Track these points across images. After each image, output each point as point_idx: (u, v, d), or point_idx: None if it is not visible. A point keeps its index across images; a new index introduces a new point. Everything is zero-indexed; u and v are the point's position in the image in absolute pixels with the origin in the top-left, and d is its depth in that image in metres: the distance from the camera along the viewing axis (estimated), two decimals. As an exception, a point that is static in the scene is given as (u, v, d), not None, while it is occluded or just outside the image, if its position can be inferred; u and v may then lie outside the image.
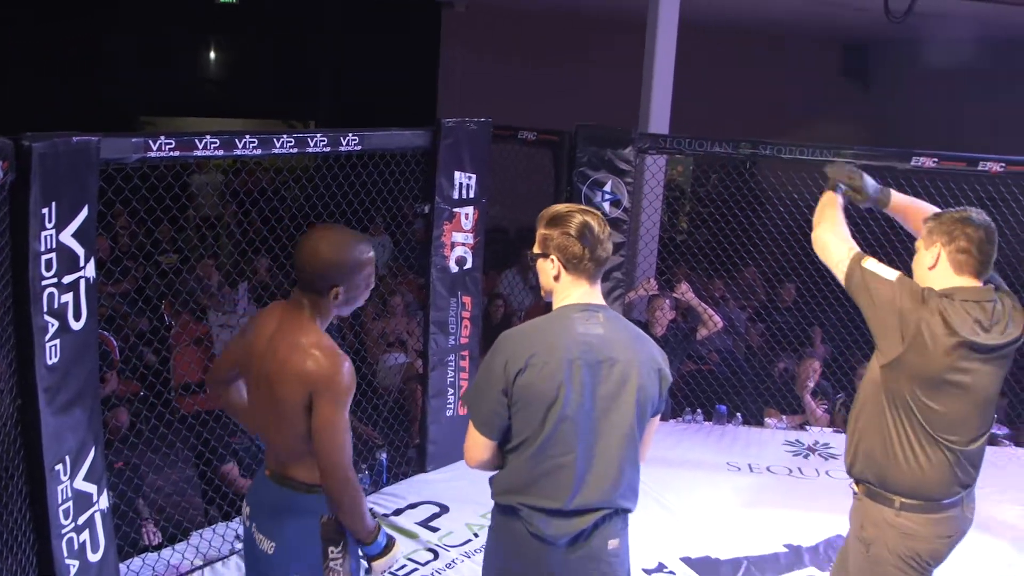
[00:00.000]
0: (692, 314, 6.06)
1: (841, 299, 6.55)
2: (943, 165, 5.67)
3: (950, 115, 10.17)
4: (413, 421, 5.62)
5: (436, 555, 4.30)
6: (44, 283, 3.13)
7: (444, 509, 4.75)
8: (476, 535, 4.42)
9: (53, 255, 3.15)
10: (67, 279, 3.22)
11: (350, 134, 4.33)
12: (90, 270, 3.33)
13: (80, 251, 3.27)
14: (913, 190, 6.11)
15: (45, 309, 3.15)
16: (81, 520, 3.43)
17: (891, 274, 2.77)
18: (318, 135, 4.21)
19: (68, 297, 3.24)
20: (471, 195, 4.96)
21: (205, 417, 4.80)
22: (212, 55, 16.34)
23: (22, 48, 12.26)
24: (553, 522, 2.54)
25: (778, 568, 4.30)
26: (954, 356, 2.65)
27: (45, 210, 3.09)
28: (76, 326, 3.29)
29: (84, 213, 3.26)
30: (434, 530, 4.54)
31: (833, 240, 2.97)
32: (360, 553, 2.74)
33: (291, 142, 4.09)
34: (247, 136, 3.90)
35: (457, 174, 4.87)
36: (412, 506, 4.80)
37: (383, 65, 13.21)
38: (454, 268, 4.99)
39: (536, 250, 2.62)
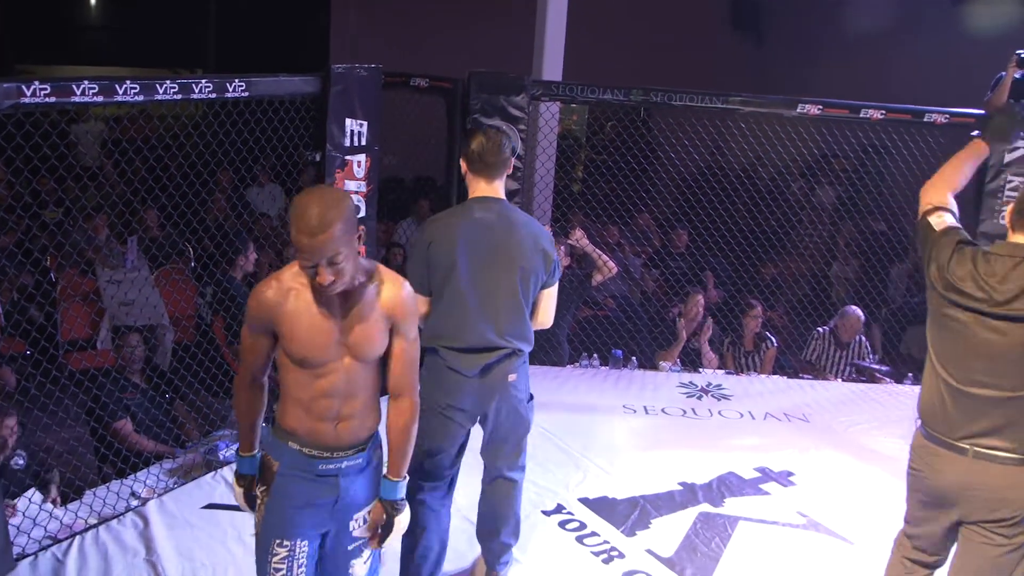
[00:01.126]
0: (587, 260, 6.12)
1: (732, 244, 6.74)
2: (827, 112, 5.81)
3: (840, 67, 10.41)
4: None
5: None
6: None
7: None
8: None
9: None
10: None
11: (236, 80, 4.20)
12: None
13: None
14: (800, 137, 6.30)
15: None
16: (-37, 481, 3.32)
17: (942, 226, 2.88)
18: (203, 81, 4.08)
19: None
20: (363, 142, 4.88)
21: (95, 373, 4.67)
22: (93, 2, 15.69)
23: None
24: (462, 357, 3.31)
25: (673, 506, 4.42)
26: (946, 296, 2.77)
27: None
28: (-50, 281, 3.16)
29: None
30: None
31: (929, 190, 3.04)
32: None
33: (175, 88, 3.96)
34: (128, 81, 3.76)
35: (348, 121, 4.78)
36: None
37: (273, 13, 12.86)
38: (348, 217, 4.92)
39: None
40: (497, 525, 3.60)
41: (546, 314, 3.50)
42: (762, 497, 4.55)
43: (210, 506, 4.24)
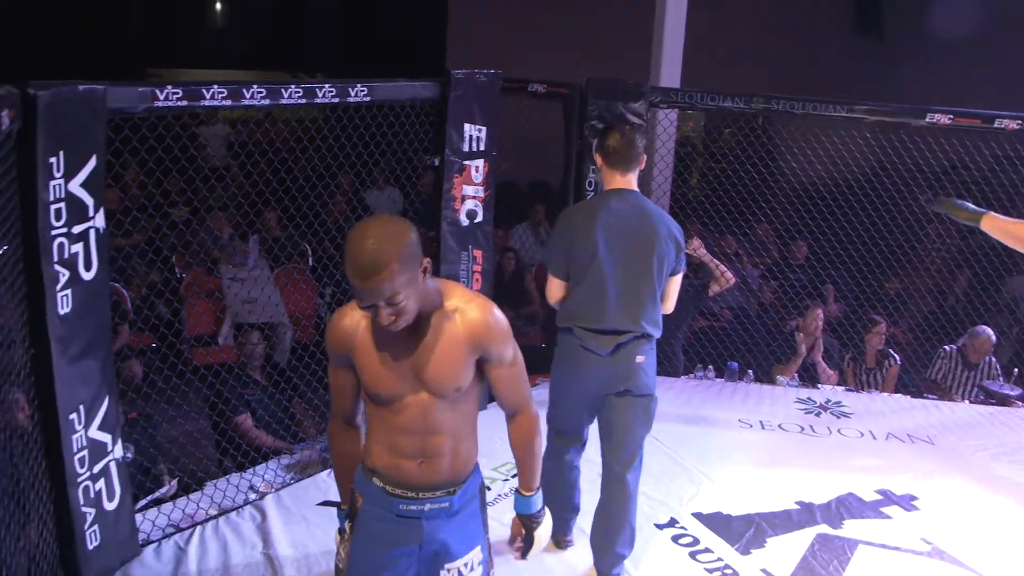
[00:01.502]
0: (704, 270, 6.02)
1: (854, 257, 6.53)
2: (958, 122, 5.59)
3: (967, 71, 10.03)
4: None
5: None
6: (54, 233, 3.11)
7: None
8: (488, 488, 4.42)
9: (62, 205, 3.13)
10: (76, 229, 3.20)
11: (359, 85, 4.26)
12: (99, 220, 3.31)
13: (89, 201, 3.24)
14: (928, 147, 6.06)
15: (55, 259, 3.13)
16: (96, 469, 3.45)
17: None
18: (326, 86, 4.15)
19: (78, 247, 3.22)
20: (481, 147, 4.90)
21: (218, 369, 4.80)
22: (219, 6, 16.18)
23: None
24: (598, 338, 3.55)
25: (790, 525, 4.29)
26: None
27: (53, 159, 3.06)
28: (87, 276, 3.28)
29: (92, 163, 3.23)
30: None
31: None
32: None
33: (299, 92, 4.03)
34: (255, 86, 3.84)
35: (467, 126, 4.80)
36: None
37: (390, 16, 13.04)
38: (465, 221, 4.94)
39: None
40: (613, 536, 3.63)
41: (671, 300, 3.74)
42: (883, 521, 4.39)
43: (325, 503, 4.30)
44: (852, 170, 6.51)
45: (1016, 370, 6.39)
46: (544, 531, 2.66)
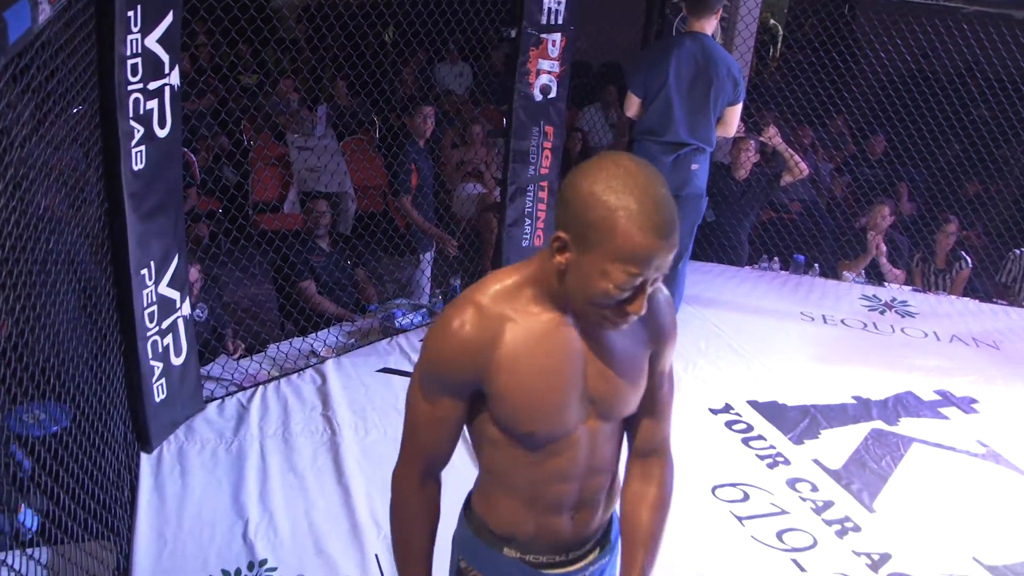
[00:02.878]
0: (777, 159, 5.88)
1: (935, 155, 6.32)
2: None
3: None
4: (487, 249, 5.64)
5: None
6: (130, 88, 3.12)
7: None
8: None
9: (139, 60, 3.12)
10: (152, 85, 3.21)
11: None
12: (174, 78, 3.31)
13: (165, 57, 3.24)
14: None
15: (131, 114, 3.15)
16: (165, 324, 3.54)
17: None
18: (405, -50, 4.06)
19: (153, 104, 3.24)
20: (559, 20, 4.77)
21: (285, 233, 4.86)
22: None
23: None
24: (663, 147, 4.49)
25: (845, 419, 4.29)
26: None
27: (131, 12, 3.04)
28: (161, 133, 3.30)
29: (169, 18, 3.21)
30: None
31: None
32: None
33: (378, -45, 3.96)
34: (333, -53, 3.78)
35: (547, -2, 4.69)
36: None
37: None
38: (538, 96, 4.86)
39: None
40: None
41: (730, 125, 4.60)
42: (940, 421, 4.36)
43: (384, 370, 4.41)
44: (943, 63, 6.25)
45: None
46: None
